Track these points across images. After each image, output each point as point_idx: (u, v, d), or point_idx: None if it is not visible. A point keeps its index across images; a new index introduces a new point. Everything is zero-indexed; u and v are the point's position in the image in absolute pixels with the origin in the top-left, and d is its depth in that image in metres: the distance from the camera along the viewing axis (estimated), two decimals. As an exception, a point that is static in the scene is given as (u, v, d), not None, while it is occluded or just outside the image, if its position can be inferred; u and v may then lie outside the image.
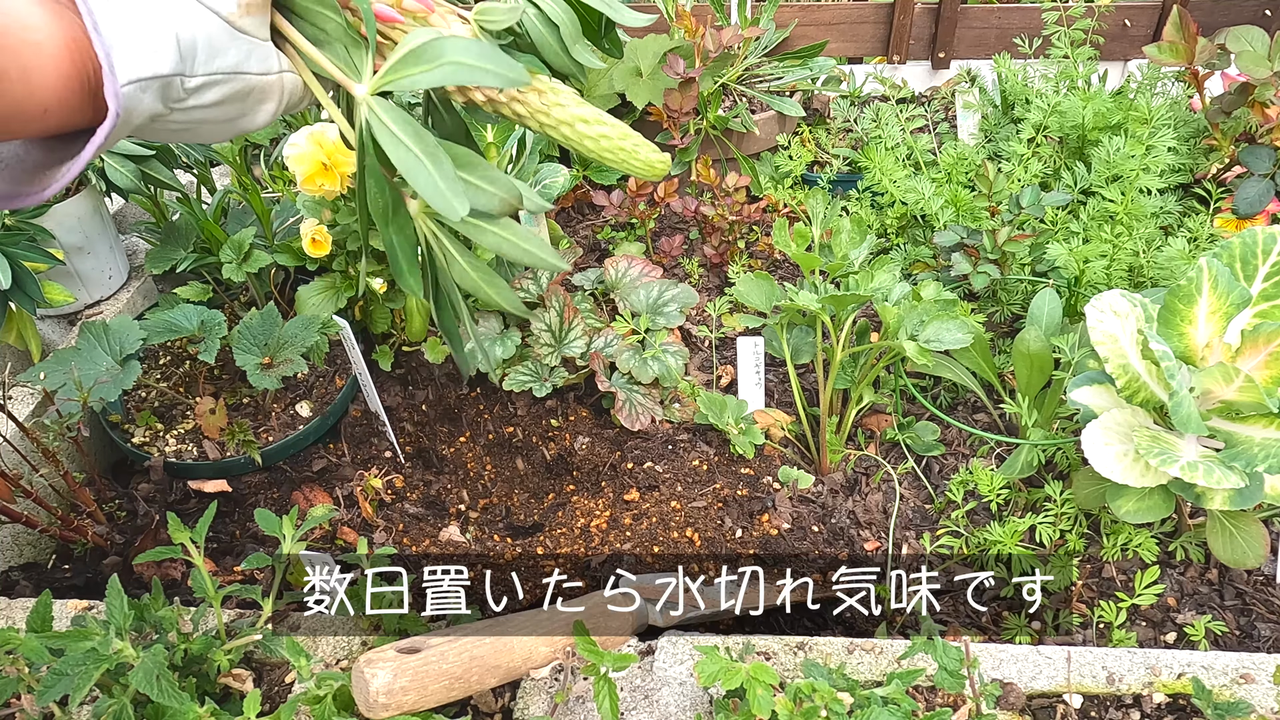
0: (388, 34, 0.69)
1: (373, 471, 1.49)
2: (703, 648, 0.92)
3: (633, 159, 0.77)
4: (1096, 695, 1.04)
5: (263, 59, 0.62)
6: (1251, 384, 0.99)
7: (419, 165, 0.64)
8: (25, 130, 0.53)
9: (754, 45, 2.04)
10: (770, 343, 1.48)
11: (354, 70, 0.66)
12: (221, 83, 0.60)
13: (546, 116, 0.75)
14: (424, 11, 0.69)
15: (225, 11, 0.59)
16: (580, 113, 0.76)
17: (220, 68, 0.60)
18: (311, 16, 0.66)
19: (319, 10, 0.66)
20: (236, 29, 0.60)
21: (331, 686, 0.92)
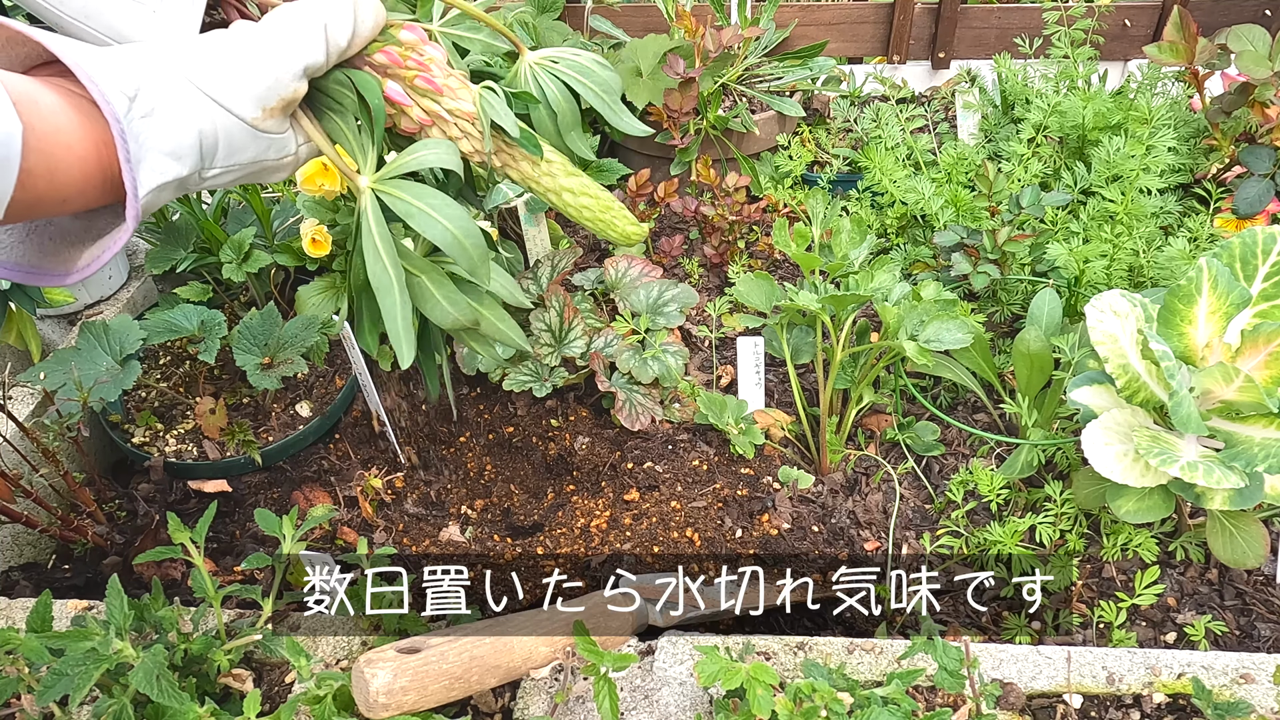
0: (405, 110, 0.72)
1: (373, 471, 1.49)
2: (703, 648, 0.92)
3: (611, 229, 0.83)
4: (1096, 695, 1.04)
5: (281, 147, 0.65)
6: (1251, 384, 0.99)
7: (389, 290, 0.68)
8: (42, 214, 0.56)
9: (754, 45, 2.04)
10: (770, 343, 1.48)
11: (360, 154, 0.69)
12: (237, 170, 0.63)
13: (536, 184, 0.80)
14: (433, 91, 0.72)
15: (249, 117, 0.61)
16: (567, 183, 0.80)
17: (239, 161, 0.63)
18: (327, 93, 0.69)
19: (336, 89, 0.69)
20: (259, 130, 0.63)
21: (331, 686, 0.92)
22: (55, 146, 0.53)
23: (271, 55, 0.62)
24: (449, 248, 0.66)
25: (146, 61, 0.59)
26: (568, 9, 2.06)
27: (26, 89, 0.53)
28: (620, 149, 2.09)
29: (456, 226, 0.66)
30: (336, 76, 0.69)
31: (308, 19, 0.63)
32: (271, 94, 0.62)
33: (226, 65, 0.60)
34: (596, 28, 2.10)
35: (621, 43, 2.06)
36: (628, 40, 2.02)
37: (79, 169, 0.55)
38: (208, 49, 0.61)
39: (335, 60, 0.66)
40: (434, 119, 0.74)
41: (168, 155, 0.58)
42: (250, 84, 0.61)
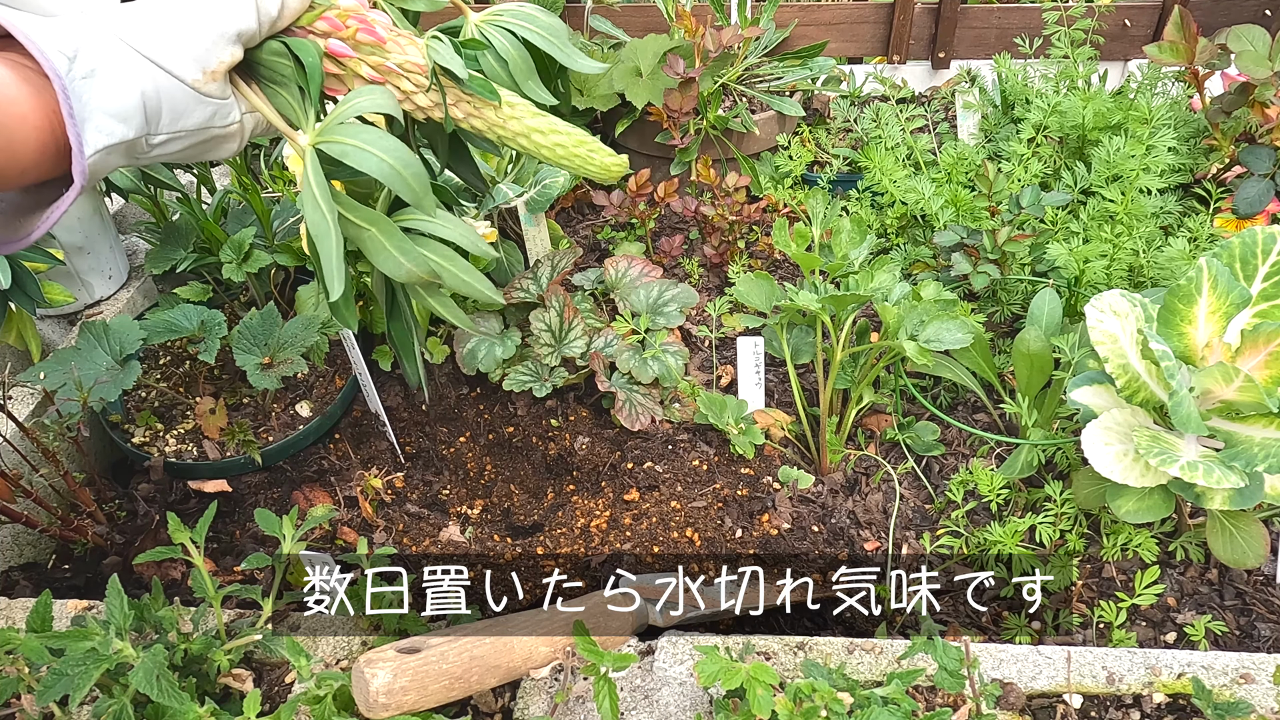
0: (345, 65, 0.73)
1: (373, 471, 1.49)
2: (703, 648, 0.92)
3: (589, 164, 0.82)
4: (1096, 695, 1.04)
5: (225, 114, 0.66)
6: (1251, 384, 0.99)
7: (326, 234, 0.69)
8: (3, 187, 0.57)
9: (754, 45, 2.04)
10: (770, 343, 1.48)
11: (301, 116, 0.70)
12: (185, 137, 0.64)
13: (503, 129, 0.79)
14: (376, 43, 0.73)
15: (190, 79, 0.62)
16: (535, 124, 0.80)
17: (184, 127, 0.64)
18: (268, 65, 0.70)
19: (276, 60, 0.69)
20: (201, 94, 0.64)
21: (331, 686, 0.92)
22: (10, 118, 0.54)
23: (205, 19, 0.63)
24: (387, 179, 0.66)
25: (84, 26, 0.60)
26: (567, 9, 2.06)
27: None
28: (620, 149, 2.08)
29: (393, 158, 0.66)
30: (274, 47, 0.69)
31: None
32: (210, 56, 0.63)
33: (162, 28, 0.62)
34: (596, 27, 2.10)
35: (621, 43, 2.06)
36: (628, 40, 2.02)
37: (35, 138, 0.56)
38: (143, 13, 0.62)
39: (268, 30, 0.67)
40: (384, 74, 0.74)
41: (112, 116, 0.58)
42: (186, 46, 0.62)
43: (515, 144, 0.80)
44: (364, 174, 0.68)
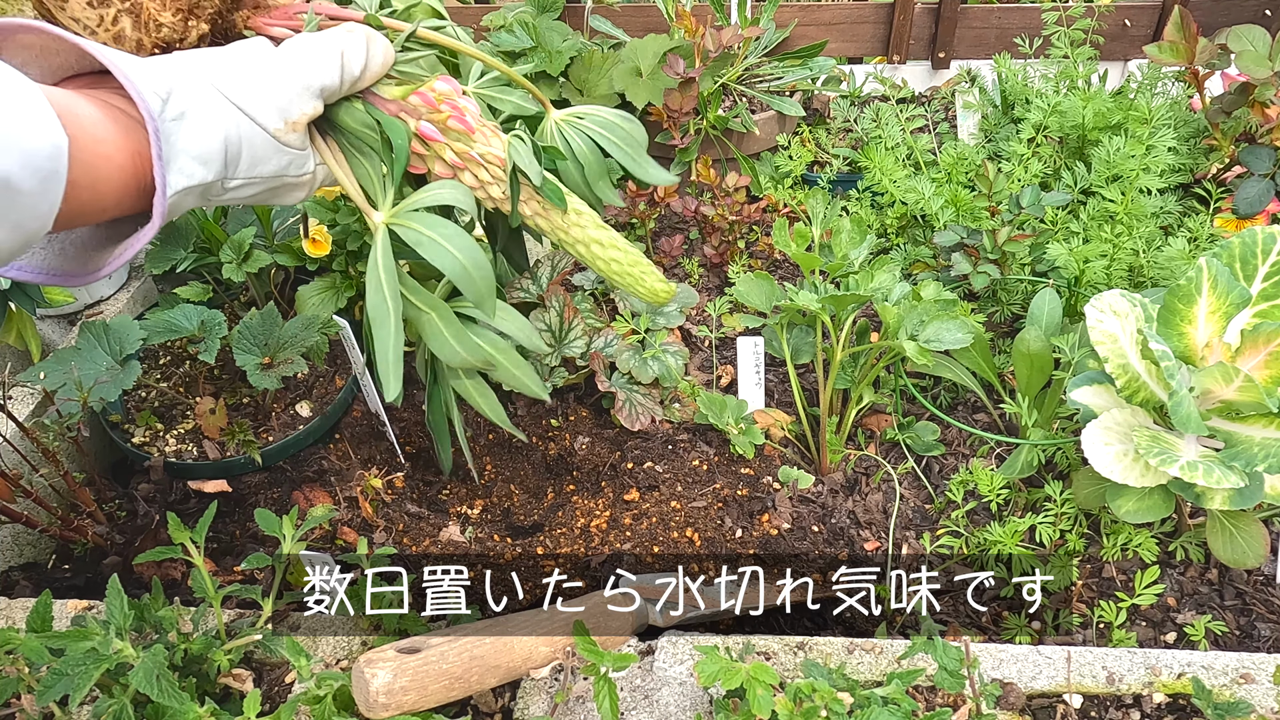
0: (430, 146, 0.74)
1: (373, 471, 1.49)
2: (703, 648, 0.92)
3: (639, 285, 0.84)
4: (1096, 695, 1.04)
5: (300, 164, 0.68)
6: (1251, 384, 0.99)
7: (384, 321, 0.71)
8: (83, 223, 0.58)
9: (754, 45, 2.04)
10: (770, 343, 1.48)
11: (380, 193, 0.71)
12: (259, 184, 0.66)
13: (565, 234, 0.81)
14: (465, 132, 0.74)
15: (272, 128, 0.64)
16: (596, 235, 0.82)
17: (260, 173, 0.65)
18: (355, 134, 0.71)
19: (364, 132, 0.71)
20: (281, 143, 0.65)
21: (331, 686, 0.92)
22: (96, 157, 0.55)
23: (292, 71, 0.65)
24: (457, 277, 0.67)
25: (176, 68, 0.61)
26: (568, 9, 2.06)
27: (66, 101, 0.54)
28: (620, 149, 2.08)
29: (466, 257, 0.67)
30: (363, 118, 0.71)
31: (326, 44, 0.67)
32: (293, 107, 0.65)
33: (250, 76, 0.63)
34: (596, 28, 2.10)
35: (621, 43, 2.06)
36: (628, 40, 2.02)
37: (118, 178, 0.57)
38: (234, 60, 0.64)
39: (348, 88, 0.69)
40: (466, 162, 0.75)
41: (195, 159, 0.60)
42: (273, 95, 0.64)
43: (573, 249, 0.82)
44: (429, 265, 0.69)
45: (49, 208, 0.50)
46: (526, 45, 1.90)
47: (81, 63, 0.61)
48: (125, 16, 0.67)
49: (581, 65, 1.95)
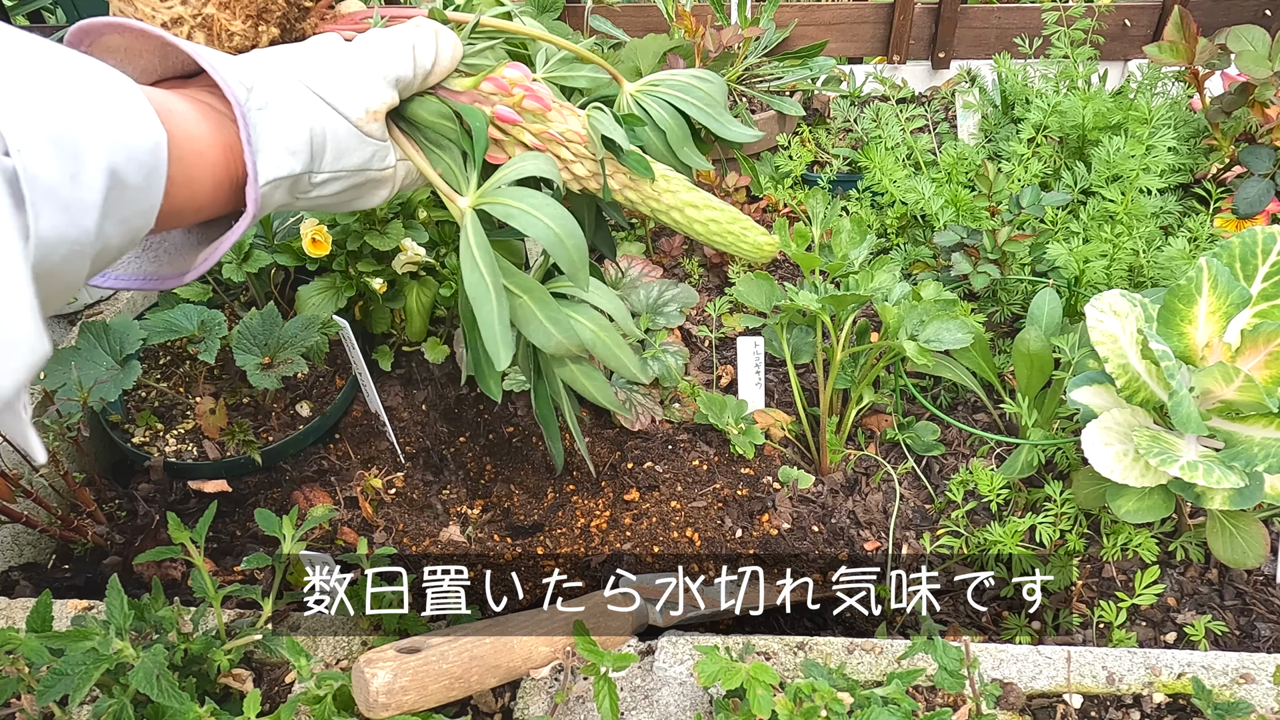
0: (507, 131, 0.73)
1: (373, 471, 1.49)
2: (703, 648, 0.92)
3: (741, 242, 0.81)
4: (1096, 695, 1.04)
5: (383, 156, 0.68)
6: (1251, 383, 0.99)
7: (485, 297, 0.68)
8: (179, 224, 0.59)
9: (754, 45, 2.04)
10: (770, 343, 1.48)
11: (462, 179, 0.71)
12: (345, 178, 0.66)
13: (657, 202, 0.79)
14: (541, 110, 0.74)
15: (354, 117, 0.65)
16: (688, 198, 0.80)
17: (345, 166, 0.66)
18: (433, 128, 0.72)
19: (440, 123, 0.71)
20: (363, 133, 0.66)
21: (331, 686, 0.92)
22: (191, 153, 0.55)
23: (369, 61, 0.66)
24: (550, 245, 0.66)
25: (259, 62, 0.62)
26: (568, 9, 2.06)
27: (159, 98, 0.54)
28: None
29: (558, 225, 0.66)
30: (439, 109, 0.71)
31: (398, 37, 0.68)
32: (373, 96, 0.66)
33: (329, 67, 0.64)
34: (596, 27, 2.10)
35: (621, 43, 2.06)
36: (628, 40, 2.02)
37: (211, 174, 0.57)
38: (313, 54, 0.65)
39: (420, 81, 0.70)
40: (545, 142, 0.75)
41: (284, 149, 0.60)
42: (353, 84, 0.65)
43: (667, 217, 0.80)
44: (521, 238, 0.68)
45: (152, 203, 0.51)
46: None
47: (164, 65, 0.62)
48: (199, 31, 0.69)
49: (581, 65, 1.94)
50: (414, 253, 1.48)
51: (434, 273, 1.57)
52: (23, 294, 0.37)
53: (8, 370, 0.37)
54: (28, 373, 0.38)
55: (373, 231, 1.48)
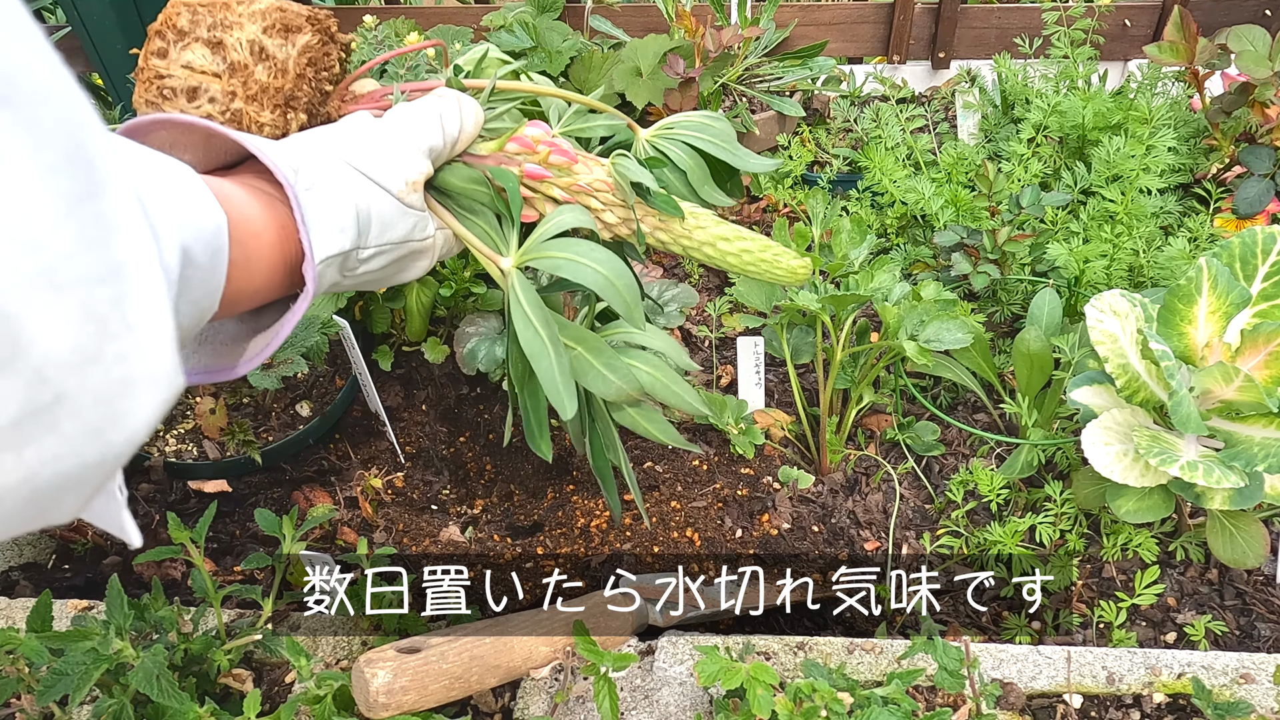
0: (536, 188, 0.76)
1: (373, 471, 1.49)
2: (703, 648, 0.92)
3: (775, 268, 0.82)
4: (1096, 695, 1.04)
5: (423, 226, 0.70)
6: (1251, 383, 0.99)
7: (543, 352, 0.69)
8: (237, 309, 0.59)
9: (754, 45, 2.04)
10: (770, 343, 1.48)
11: (501, 241, 0.73)
12: (389, 251, 0.68)
13: (689, 240, 0.80)
14: (568, 164, 0.76)
15: (395, 190, 0.67)
16: (719, 232, 0.81)
17: (390, 239, 0.68)
18: (465, 194, 0.74)
19: (472, 188, 0.73)
20: (405, 204, 0.68)
21: (331, 686, 0.92)
22: (248, 236, 0.56)
23: (402, 134, 0.69)
24: (602, 289, 0.67)
25: (302, 144, 0.65)
26: (568, 9, 2.06)
27: (214, 184, 0.55)
28: (620, 149, 2.09)
29: (607, 268, 0.67)
30: (469, 174, 0.73)
31: (425, 108, 0.71)
32: (411, 168, 0.68)
33: (367, 144, 0.67)
34: (596, 28, 2.10)
35: (621, 43, 2.06)
36: (628, 40, 2.02)
37: (267, 256, 0.59)
38: (349, 132, 0.68)
39: (449, 150, 0.73)
40: (574, 194, 0.77)
41: (333, 227, 0.62)
42: (391, 158, 0.67)
43: (700, 253, 0.81)
44: (571, 290, 0.69)
45: (218, 284, 0.52)
46: (526, 45, 1.90)
47: (208, 157, 0.64)
48: (229, 125, 0.70)
49: (581, 65, 1.95)
50: (414, 253, 1.48)
51: (434, 273, 1.57)
52: (163, 321, 0.37)
53: (146, 404, 0.36)
54: (164, 408, 0.37)
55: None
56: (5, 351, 0.29)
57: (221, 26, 0.71)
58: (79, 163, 0.32)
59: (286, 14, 0.73)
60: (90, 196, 0.33)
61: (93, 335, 0.32)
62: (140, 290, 0.35)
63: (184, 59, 0.70)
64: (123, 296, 0.34)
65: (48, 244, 0.31)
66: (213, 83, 0.71)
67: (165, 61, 0.70)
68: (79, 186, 0.32)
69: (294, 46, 0.72)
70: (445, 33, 1.99)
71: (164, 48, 0.71)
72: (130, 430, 0.35)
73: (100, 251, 0.33)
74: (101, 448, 0.34)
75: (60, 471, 0.32)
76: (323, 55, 0.74)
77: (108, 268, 0.33)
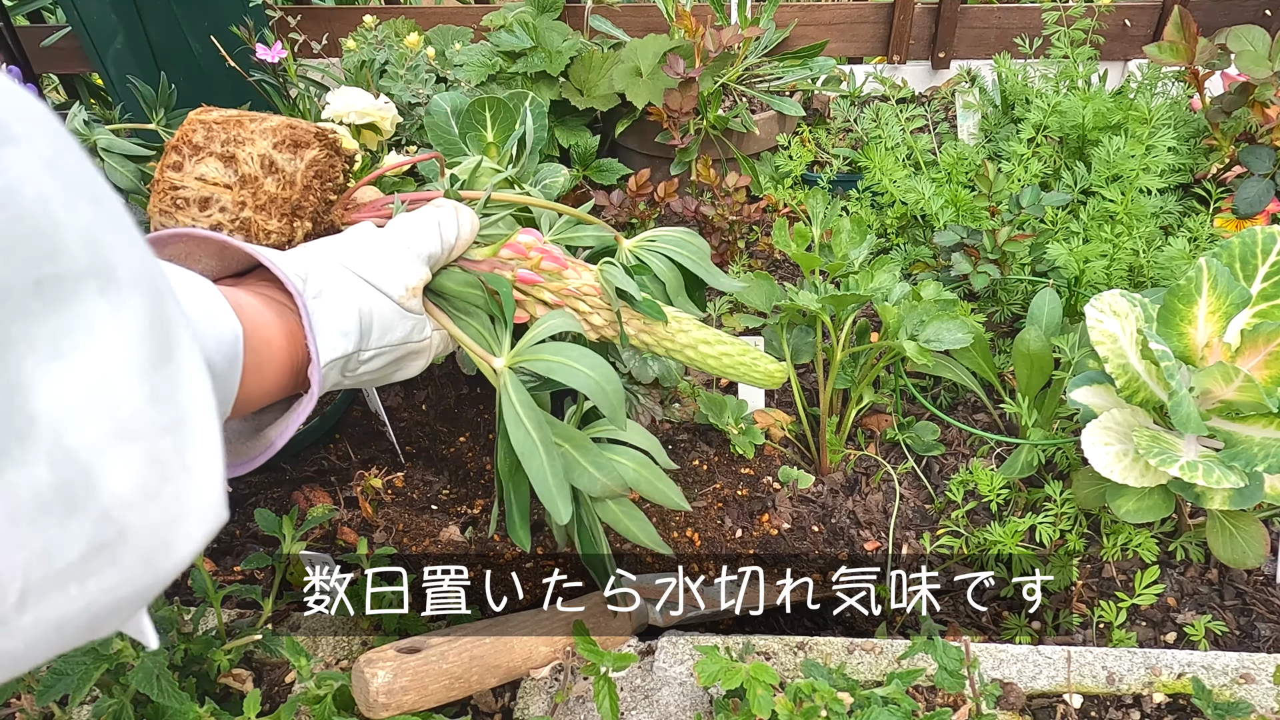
0: (528, 292, 0.80)
1: (373, 471, 1.49)
2: (703, 648, 0.92)
3: (753, 371, 0.88)
4: (1096, 695, 1.04)
5: (421, 328, 0.74)
6: (1251, 383, 0.99)
7: (534, 453, 0.72)
8: (245, 411, 0.61)
9: (754, 45, 2.04)
10: (770, 343, 1.48)
11: (495, 341, 0.76)
12: (388, 352, 0.71)
13: (670, 342, 0.85)
14: (558, 269, 0.80)
15: (396, 295, 0.70)
16: (701, 336, 0.86)
17: (389, 341, 0.71)
18: (460, 296, 0.77)
19: (468, 291, 0.77)
20: (404, 309, 0.71)
21: (331, 686, 0.92)
22: (260, 342, 0.59)
23: (402, 243, 0.72)
24: (591, 393, 0.70)
25: (308, 253, 0.68)
26: (568, 9, 2.06)
27: (229, 294, 0.58)
28: (620, 149, 2.09)
29: (596, 373, 0.70)
30: (464, 278, 0.77)
31: (424, 217, 0.75)
32: (410, 274, 0.71)
33: (370, 252, 0.70)
34: (596, 27, 2.10)
35: (621, 43, 2.06)
36: (628, 40, 2.02)
37: (277, 360, 0.61)
38: (353, 241, 0.71)
39: (446, 255, 0.76)
40: (564, 299, 0.82)
41: (337, 332, 0.65)
42: (392, 266, 0.70)
43: (681, 355, 0.87)
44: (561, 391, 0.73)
45: (232, 390, 0.54)
46: (526, 45, 1.90)
47: (220, 266, 0.67)
48: (237, 233, 0.74)
49: (581, 65, 1.95)
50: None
51: (434, 273, 1.57)
52: (218, 465, 0.39)
53: (195, 536, 0.38)
54: (208, 538, 0.40)
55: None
56: (80, 495, 0.32)
57: (235, 142, 0.75)
58: (158, 332, 0.35)
59: (296, 130, 0.77)
60: (164, 360, 0.35)
61: (155, 478, 0.35)
62: (198, 437, 0.38)
63: (198, 171, 0.74)
64: (183, 444, 0.37)
65: (125, 403, 0.33)
66: (224, 194, 0.74)
67: (180, 174, 0.75)
68: (156, 353, 0.35)
69: (302, 160, 0.77)
70: (445, 33, 2.00)
71: (179, 161, 0.75)
72: (178, 559, 0.38)
73: (167, 405, 0.36)
74: (153, 575, 0.36)
75: (117, 598, 0.35)
76: (329, 168, 0.78)
77: (173, 419, 0.36)
